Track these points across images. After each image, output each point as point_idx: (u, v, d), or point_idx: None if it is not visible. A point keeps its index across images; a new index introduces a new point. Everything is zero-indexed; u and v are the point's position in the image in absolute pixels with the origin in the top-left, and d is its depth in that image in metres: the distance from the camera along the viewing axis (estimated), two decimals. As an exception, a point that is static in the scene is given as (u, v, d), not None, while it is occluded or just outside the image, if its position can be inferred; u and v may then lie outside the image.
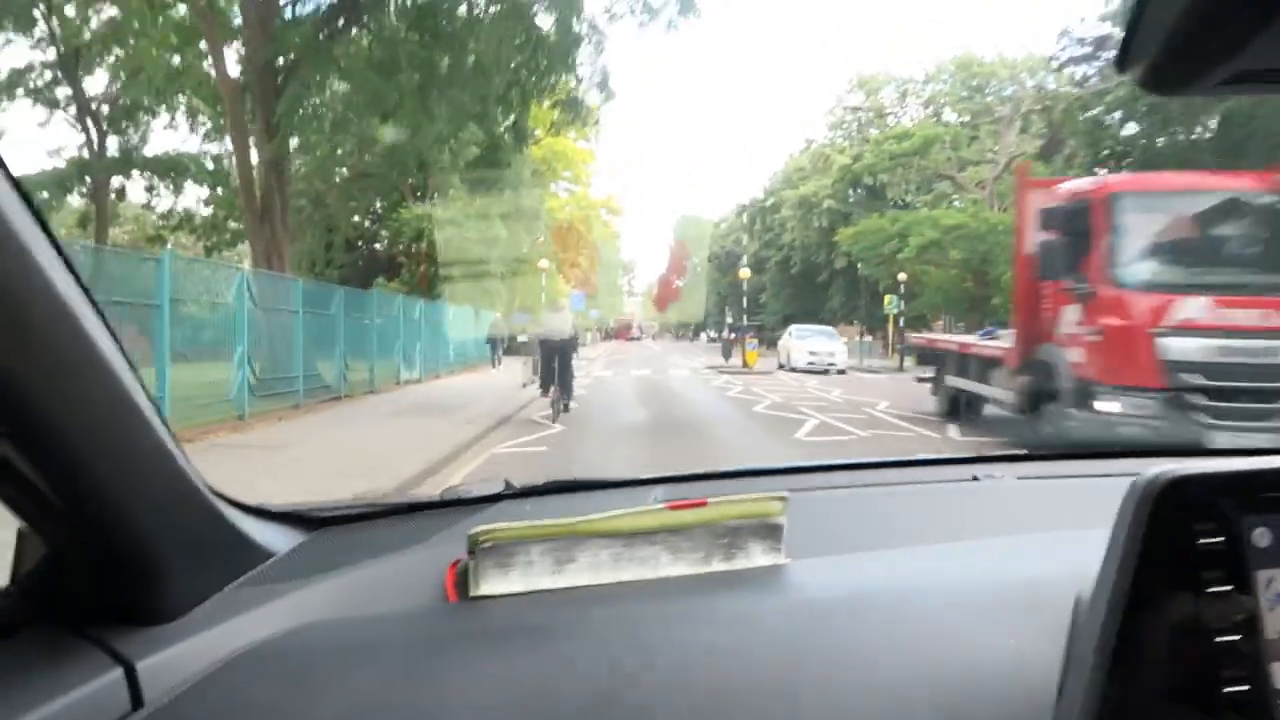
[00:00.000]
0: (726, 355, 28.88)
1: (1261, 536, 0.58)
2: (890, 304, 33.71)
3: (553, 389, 11.66)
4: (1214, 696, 0.55)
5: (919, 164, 35.41)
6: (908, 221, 27.23)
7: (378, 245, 28.99)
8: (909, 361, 25.58)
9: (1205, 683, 0.55)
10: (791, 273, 51.38)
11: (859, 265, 41.03)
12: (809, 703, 0.67)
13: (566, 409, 11.95)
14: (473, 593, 0.87)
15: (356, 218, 27.50)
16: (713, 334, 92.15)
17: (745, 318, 36.20)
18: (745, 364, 24.69)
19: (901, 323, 30.44)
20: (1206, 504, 0.58)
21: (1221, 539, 0.57)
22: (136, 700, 0.70)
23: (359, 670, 0.74)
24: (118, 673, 0.70)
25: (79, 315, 0.64)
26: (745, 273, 28.38)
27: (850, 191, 45.56)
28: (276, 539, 1.01)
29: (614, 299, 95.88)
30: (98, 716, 0.67)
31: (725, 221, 79.44)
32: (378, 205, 27.23)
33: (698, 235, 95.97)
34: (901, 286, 28.41)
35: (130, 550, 0.75)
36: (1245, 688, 0.55)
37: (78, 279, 0.64)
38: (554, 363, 11.69)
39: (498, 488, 1.30)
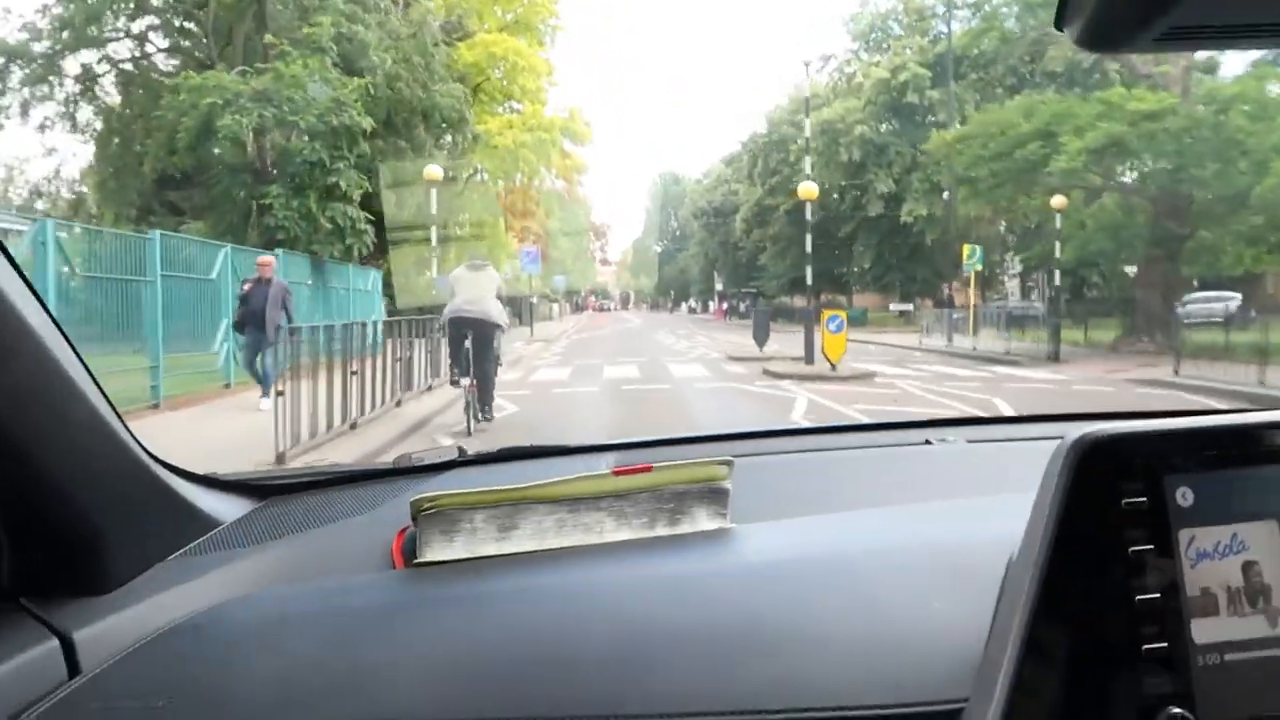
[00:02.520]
0: (760, 339, 17.98)
1: (1184, 496, 0.59)
2: (972, 257, 23.40)
3: (466, 381, 7.87)
4: (1135, 654, 0.56)
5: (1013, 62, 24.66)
6: (1056, 112, 16.50)
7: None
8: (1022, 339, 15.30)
9: (1127, 640, 0.57)
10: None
11: (925, 209, 30.70)
12: (746, 665, 0.68)
13: (488, 416, 8.11)
14: (417, 560, 0.87)
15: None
16: (693, 304, 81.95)
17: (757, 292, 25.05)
18: (830, 361, 13.14)
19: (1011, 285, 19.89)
20: (1131, 464, 0.59)
21: (1145, 499, 0.58)
22: (74, 669, 0.71)
23: (297, 639, 0.75)
24: (54, 643, 0.71)
25: (4, 296, 0.65)
26: (809, 189, 16.93)
27: (885, 119, 34.97)
28: (224, 508, 1.02)
29: (585, 267, 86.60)
30: (34, 686, 0.68)
31: (710, 175, 68.33)
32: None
33: (678, 195, 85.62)
34: (1057, 219, 17.58)
35: (67, 521, 0.76)
36: (1164, 644, 0.56)
37: (7, 255, 0.67)
38: (464, 347, 7.84)
39: (451, 454, 1.29)
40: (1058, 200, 17.05)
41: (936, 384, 11.80)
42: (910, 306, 37.12)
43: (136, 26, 18.99)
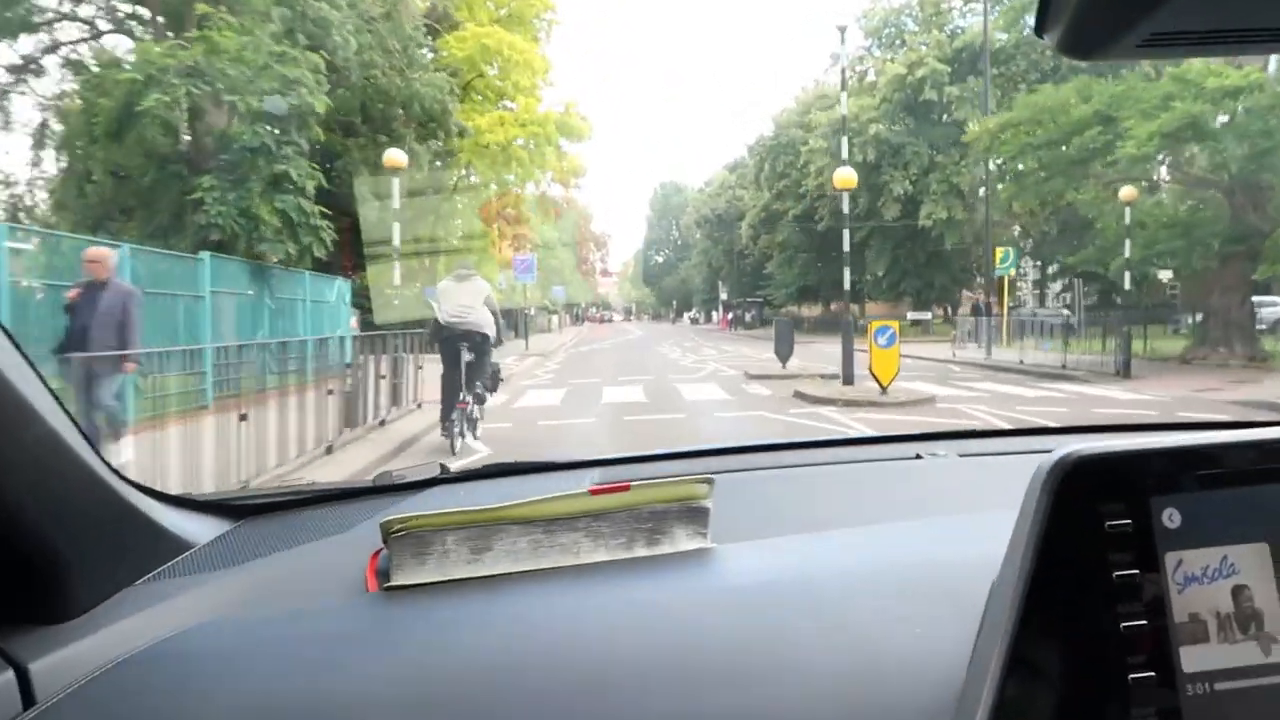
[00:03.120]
0: (783, 354, 15.84)
1: (1171, 518, 0.56)
2: (1005, 261, 21.42)
3: (455, 415, 7.15)
4: (1121, 682, 0.54)
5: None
6: (1115, 93, 14.41)
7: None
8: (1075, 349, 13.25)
9: (1113, 669, 0.54)
10: (817, 229, 38.67)
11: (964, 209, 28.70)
12: (724, 693, 0.66)
13: (473, 433, 7.44)
14: (388, 584, 0.85)
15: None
16: (695, 314, 79.77)
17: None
18: (879, 382, 10.78)
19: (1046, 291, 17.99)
20: (1116, 484, 0.57)
21: (1130, 521, 0.56)
22: (29, 700, 0.68)
23: (262, 666, 0.72)
24: (8, 674, 0.69)
25: None
26: (847, 177, 14.50)
27: (900, 118, 32.99)
28: (197, 529, 0.99)
29: (585, 278, 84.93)
30: None
31: (713, 182, 66.43)
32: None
33: (679, 204, 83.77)
34: (1126, 212, 15.34)
35: (24, 548, 0.72)
36: (1151, 673, 0.54)
37: None
38: (458, 367, 7.20)
39: (433, 472, 1.27)
40: (1127, 192, 14.80)
41: (1006, 408, 9.71)
42: (927, 315, 35.04)
43: (84, 11, 17.04)
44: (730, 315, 55.27)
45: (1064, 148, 14.96)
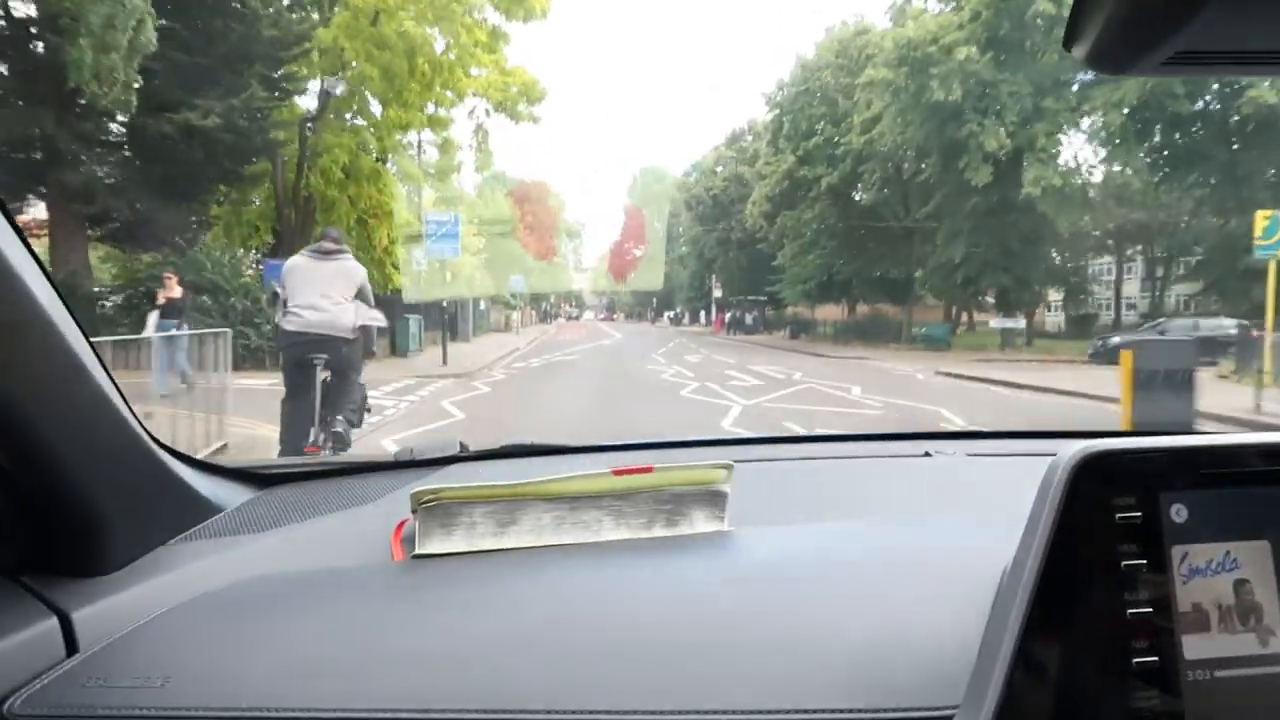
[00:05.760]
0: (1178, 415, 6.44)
1: (1178, 513, 0.59)
2: (1271, 233, 12.31)
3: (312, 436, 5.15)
4: (1126, 667, 0.57)
5: None
6: None
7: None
8: None
9: (1118, 654, 0.57)
10: (859, 203, 29.18)
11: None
12: (738, 666, 0.68)
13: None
14: (415, 552, 0.88)
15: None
16: (676, 312, 69.73)
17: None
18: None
19: None
20: (1126, 480, 0.60)
21: (1139, 514, 0.59)
22: (72, 647, 0.73)
23: (295, 622, 0.75)
24: (52, 621, 0.72)
25: (15, 274, 0.65)
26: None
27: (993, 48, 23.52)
28: (226, 495, 1.03)
29: (557, 272, 75.43)
30: (32, 662, 0.69)
31: (699, 166, 56.75)
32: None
33: (660, 193, 74.04)
34: None
35: (69, 502, 0.76)
36: (1155, 659, 0.57)
37: (18, 233, 0.66)
38: (309, 392, 5.18)
39: (453, 449, 1.30)
40: None
41: None
42: (1019, 323, 25.66)
43: None
44: (726, 316, 45.58)
45: None
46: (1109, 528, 0.58)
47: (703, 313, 56.15)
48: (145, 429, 0.85)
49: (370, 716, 0.64)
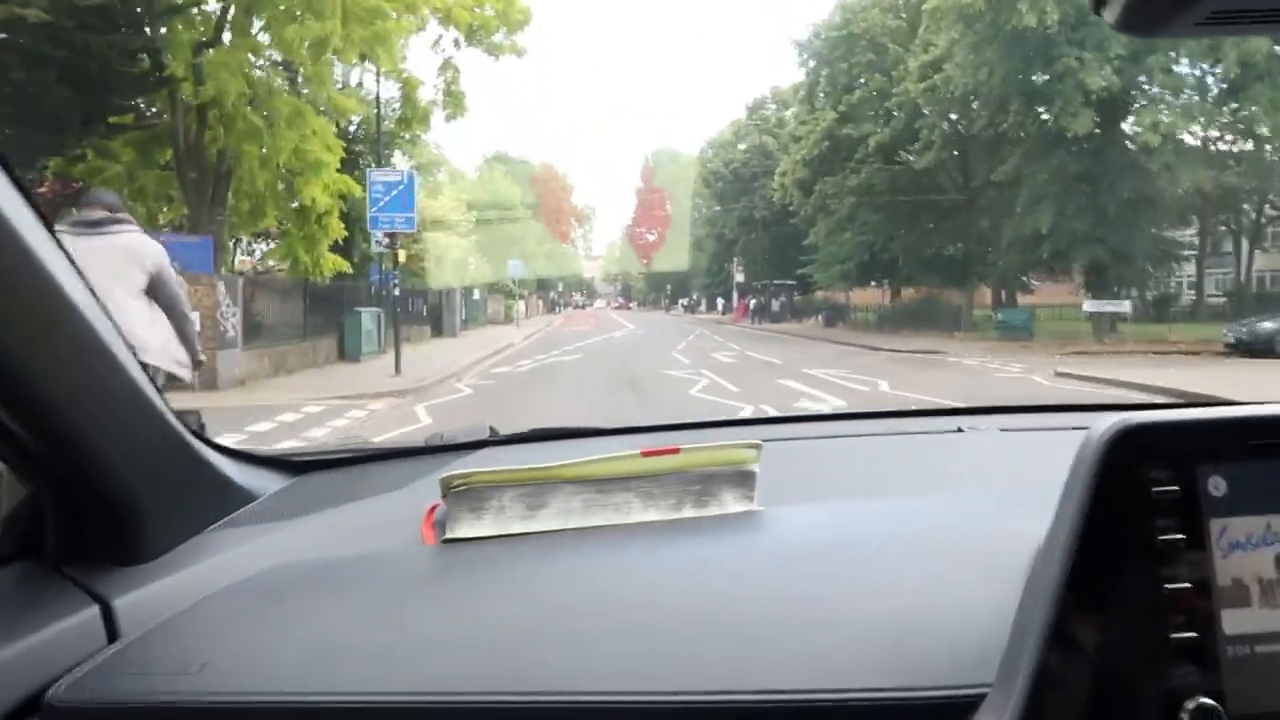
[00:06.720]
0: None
1: (1217, 486, 0.58)
2: None
3: None
4: (1163, 644, 0.56)
5: None
6: None
7: None
8: None
9: (1155, 631, 0.56)
10: (915, 166, 24.52)
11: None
12: (770, 646, 0.68)
13: None
14: (445, 536, 0.89)
15: None
16: (691, 299, 64.90)
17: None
18: None
19: None
20: (1163, 453, 0.59)
21: (1176, 488, 0.58)
22: (113, 635, 0.74)
23: (331, 607, 0.77)
24: (93, 609, 0.74)
25: (47, 266, 0.65)
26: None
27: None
28: (260, 483, 1.04)
29: (566, 259, 71.22)
30: (74, 650, 0.70)
31: (715, 141, 52.04)
32: None
33: (676, 175, 69.47)
34: None
35: (108, 492, 0.78)
36: (1193, 635, 0.56)
37: (47, 225, 0.66)
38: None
39: (483, 434, 1.31)
40: None
41: None
42: (1123, 305, 21.07)
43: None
44: (750, 302, 41.06)
45: None
46: (1145, 502, 0.57)
47: (720, 300, 51.68)
48: (179, 418, 0.86)
49: (403, 701, 0.64)
